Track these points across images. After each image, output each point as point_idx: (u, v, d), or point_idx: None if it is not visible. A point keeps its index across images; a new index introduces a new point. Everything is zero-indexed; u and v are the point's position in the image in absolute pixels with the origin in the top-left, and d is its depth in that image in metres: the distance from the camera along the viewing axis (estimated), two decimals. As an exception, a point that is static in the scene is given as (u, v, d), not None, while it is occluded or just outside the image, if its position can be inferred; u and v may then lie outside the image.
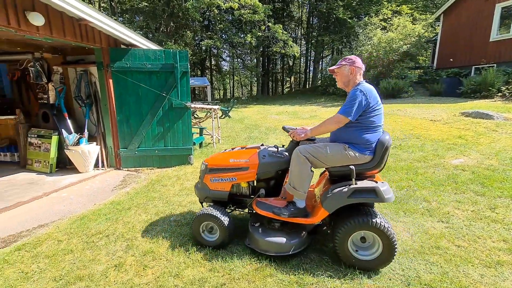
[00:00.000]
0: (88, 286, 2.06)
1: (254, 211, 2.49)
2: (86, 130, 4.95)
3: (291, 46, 18.19)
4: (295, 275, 2.11)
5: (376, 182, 2.14)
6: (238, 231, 2.66)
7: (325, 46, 27.60)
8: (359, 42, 16.10)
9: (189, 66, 4.96)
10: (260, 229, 2.43)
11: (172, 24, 20.31)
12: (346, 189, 2.07)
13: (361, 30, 16.61)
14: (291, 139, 2.45)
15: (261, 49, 23.37)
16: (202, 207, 2.84)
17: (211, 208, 2.51)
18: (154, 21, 19.41)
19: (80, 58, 5.06)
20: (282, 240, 2.27)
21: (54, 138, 4.79)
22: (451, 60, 13.28)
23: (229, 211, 2.72)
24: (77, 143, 4.70)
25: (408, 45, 13.51)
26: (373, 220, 2.02)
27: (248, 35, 17.33)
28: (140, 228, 2.91)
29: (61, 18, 3.88)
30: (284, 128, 2.52)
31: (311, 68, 31.02)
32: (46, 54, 4.96)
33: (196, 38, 23.03)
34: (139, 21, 20.31)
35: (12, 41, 4.35)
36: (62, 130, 4.80)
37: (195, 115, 9.94)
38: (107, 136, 4.99)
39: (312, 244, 2.49)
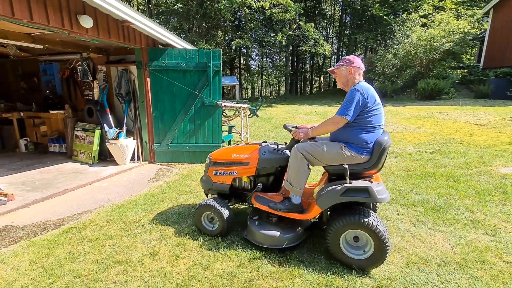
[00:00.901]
0: (126, 270, 2.20)
1: (253, 205, 2.59)
2: (124, 125, 5.28)
3: (322, 45, 17.80)
4: (324, 277, 2.08)
5: (371, 182, 2.14)
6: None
7: (358, 45, 26.61)
8: (395, 40, 15.30)
9: (221, 65, 5.07)
10: (257, 222, 2.52)
11: (204, 24, 20.88)
12: (340, 187, 2.10)
13: (398, 28, 15.74)
14: (292, 137, 2.50)
15: (291, 48, 23.16)
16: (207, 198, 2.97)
17: (213, 200, 2.66)
18: (187, 22, 20.10)
19: (122, 58, 5.40)
20: (276, 233, 2.36)
21: (97, 132, 5.17)
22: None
23: (230, 204, 2.84)
24: (117, 137, 5.03)
25: (451, 43, 12.55)
26: (365, 219, 2.03)
27: (278, 34, 17.27)
28: (173, 220, 3.04)
29: (107, 20, 4.18)
30: (285, 127, 2.60)
31: (342, 68, 30.03)
32: (92, 54, 5.37)
33: (227, 37, 23.44)
34: (174, 22, 21.15)
35: (64, 42, 4.77)
36: (104, 124, 5.17)
37: (224, 113, 10.14)
38: (143, 131, 5.28)
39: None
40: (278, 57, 30.48)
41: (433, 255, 2.32)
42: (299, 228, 2.43)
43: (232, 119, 8.37)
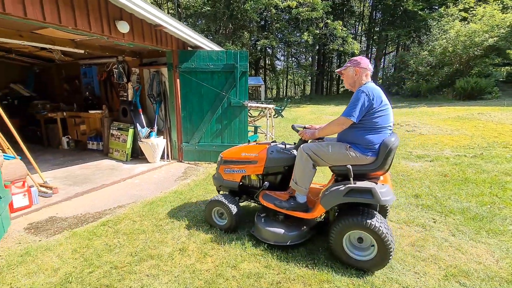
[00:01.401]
0: (158, 265, 2.30)
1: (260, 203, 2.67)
2: (155, 125, 5.52)
3: (350, 43, 17.26)
4: (354, 284, 2.01)
5: (376, 184, 2.14)
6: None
7: (389, 42, 25.42)
8: (431, 36, 14.40)
9: (248, 66, 5.10)
10: (263, 219, 2.61)
11: (230, 26, 21.19)
12: (343, 188, 2.11)
13: (434, 23, 14.79)
14: (300, 138, 2.55)
15: (317, 47, 22.73)
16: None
17: (222, 196, 2.79)
18: (214, 24, 20.53)
19: (154, 60, 5.65)
20: (281, 231, 2.42)
21: (130, 131, 5.46)
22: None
23: (241, 201, 2.99)
24: (148, 136, 5.27)
25: (495, 38, 11.54)
26: (368, 221, 2.02)
27: (305, 33, 17.03)
28: (200, 218, 3.11)
29: (141, 25, 4.39)
30: (293, 127, 2.66)
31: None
32: (127, 57, 5.68)
33: (252, 38, 23.58)
34: (201, 25, 21.71)
35: (103, 47, 5.10)
36: (137, 124, 5.44)
37: (249, 114, 10.21)
38: (172, 130, 5.48)
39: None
40: (303, 57, 30.09)
41: (475, 268, 2.15)
42: (305, 227, 2.48)
43: (258, 119, 8.41)
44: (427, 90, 13.39)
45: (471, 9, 13.86)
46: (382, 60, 27.06)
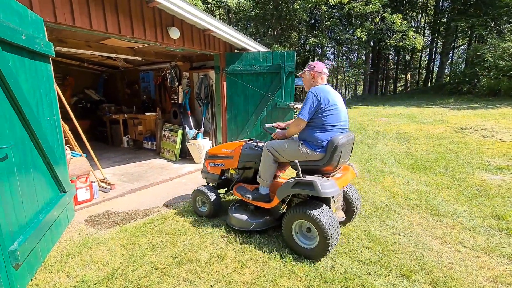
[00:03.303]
0: (195, 270, 2.27)
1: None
2: (202, 127, 5.69)
3: (411, 38, 15.58)
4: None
5: (322, 178, 2.30)
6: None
7: (459, 34, 22.29)
8: (516, 24, 12.09)
9: (295, 66, 4.90)
10: (233, 208, 2.94)
11: (279, 27, 21.09)
12: (292, 181, 2.36)
13: (521, 8, 12.40)
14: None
15: (372, 44, 21.14)
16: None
17: (204, 187, 3.18)
18: (263, 26, 20.68)
19: (203, 64, 5.84)
20: (245, 217, 2.73)
21: (180, 132, 5.72)
22: None
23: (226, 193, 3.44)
24: (195, 137, 5.45)
25: None
26: (311, 212, 2.23)
27: (358, 29, 15.94)
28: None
29: (191, 30, 4.54)
30: (264, 127, 2.96)
31: (436, 62, 25.77)
32: (178, 62, 5.98)
33: (301, 38, 23.10)
34: (250, 28, 22.09)
35: (157, 53, 5.45)
36: (185, 125, 5.68)
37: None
38: (218, 132, 5.57)
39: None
40: (356, 55, 28.35)
41: None
42: (268, 216, 2.76)
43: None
44: (509, 88, 11.27)
45: None
46: (450, 54, 23.86)
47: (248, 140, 3.18)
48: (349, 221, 2.92)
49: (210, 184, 3.39)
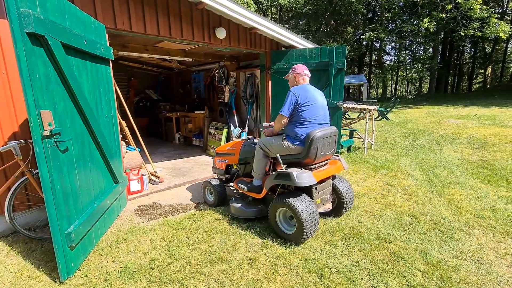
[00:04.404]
0: (226, 271, 2.24)
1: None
2: (247, 125, 5.71)
3: (494, 25, 13.23)
4: None
5: (300, 169, 2.52)
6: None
7: None
8: None
9: (345, 62, 4.54)
10: (233, 199, 3.25)
11: (333, 22, 20.14)
12: (275, 173, 2.62)
13: None
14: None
15: (442, 35, 18.64)
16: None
17: (212, 179, 3.57)
18: (315, 22, 20.00)
19: (249, 63, 5.86)
20: (240, 206, 3.06)
21: (225, 131, 5.85)
22: None
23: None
24: (239, 136, 5.50)
25: None
26: (289, 200, 2.46)
27: (425, 20, 14.19)
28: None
29: (237, 29, 4.57)
30: (259, 127, 3.04)
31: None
32: (226, 62, 6.11)
33: (357, 33, 21.66)
34: (302, 25, 21.59)
35: (206, 54, 5.65)
36: (230, 124, 5.78)
37: (346, 116, 9.31)
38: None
39: None
40: (421, 48, 25.43)
41: None
42: (261, 205, 3.04)
43: (355, 122, 7.51)
44: None
45: None
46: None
47: (248, 138, 3.49)
48: (340, 214, 3.05)
49: (218, 177, 3.70)
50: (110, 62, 3.23)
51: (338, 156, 3.02)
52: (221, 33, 4.30)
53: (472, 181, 4.07)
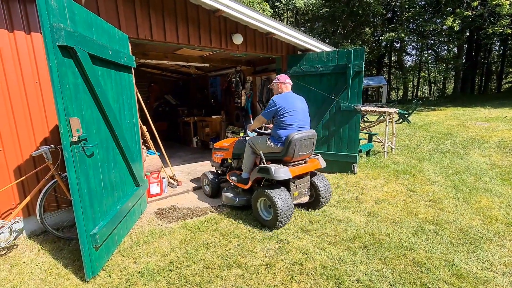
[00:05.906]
0: (243, 276, 2.24)
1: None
2: (263, 130, 5.72)
3: (524, 21, 12.46)
4: None
5: (279, 165, 2.95)
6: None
7: None
8: None
9: (363, 65, 4.45)
10: (226, 189, 3.65)
11: (350, 23, 19.82)
12: (258, 167, 3.05)
13: None
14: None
15: (467, 34, 17.80)
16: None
17: (208, 172, 4.02)
18: (332, 24, 19.77)
19: (265, 68, 5.89)
20: (230, 195, 3.48)
21: (241, 135, 5.89)
22: None
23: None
24: (256, 140, 5.52)
25: None
26: (268, 191, 2.87)
27: (449, 18, 13.63)
28: (293, 232, 2.89)
29: (253, 35, 4.62)
30: (248, 128, 3.56)
31: None
32: (243, 67, 6.18)
33: (376, 34, 21.17)
34: (318, 27, 21.42)
35: (223, 59, 5.76)
36: (246, 128, 5.82)
37: (364, 119, 9.10)
38: (278, 135, 5.51)
39: None
40: (445, 47, 24.41)
41: None
42: (249, 196, 3.35)
43: (375, 125, 7.32)
44: None
45: None
46: None
47: (242, 137, 3.89)
48: (317, 207, 3.37)
49: (215, 170, 4.18)
50: (132, 69, 3.38)
51: (317, 155, 3.37)
52: (238, 39, 4.36)
53: (503, 187, 3.83)
